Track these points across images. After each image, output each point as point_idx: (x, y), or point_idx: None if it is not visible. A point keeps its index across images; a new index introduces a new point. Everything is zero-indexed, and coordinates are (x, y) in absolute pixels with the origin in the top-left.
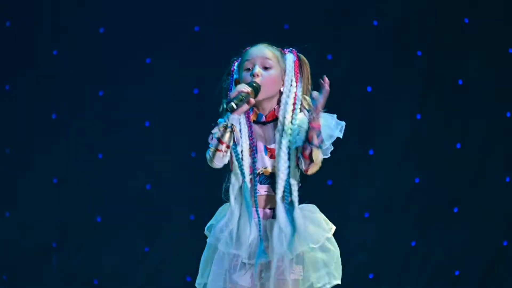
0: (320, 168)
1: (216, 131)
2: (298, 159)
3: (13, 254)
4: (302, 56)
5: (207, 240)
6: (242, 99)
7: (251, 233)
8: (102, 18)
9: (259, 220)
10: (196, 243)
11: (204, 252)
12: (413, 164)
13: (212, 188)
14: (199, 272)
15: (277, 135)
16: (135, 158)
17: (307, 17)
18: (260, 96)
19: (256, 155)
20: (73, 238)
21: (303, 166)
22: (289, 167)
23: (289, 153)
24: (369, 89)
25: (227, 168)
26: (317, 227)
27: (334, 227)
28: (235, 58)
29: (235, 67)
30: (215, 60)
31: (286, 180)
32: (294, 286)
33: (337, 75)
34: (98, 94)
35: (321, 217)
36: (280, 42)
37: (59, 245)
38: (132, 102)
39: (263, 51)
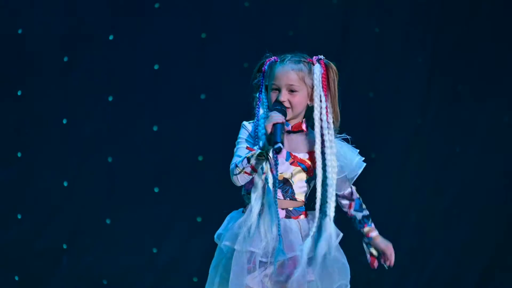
0: None
1: (252, 156)
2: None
3: (25, 255)
4: (330, 65)
5: (220, 246)
6: (283, 132)
7: (272, 232)
8: (111, 25)
9: (278, 220)
10: (203, 244)
11: (214, 258)
12: (414, 167)
13: (219, 191)
14: (208, 279)
15: (317, 151)
16: (144, 161)
17: (310, 24)
18: (288, 116)
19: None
20: (83, 239)
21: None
22: (327, 183)
23: (325, 167)
24: (371, 94)
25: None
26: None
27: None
28: (268, 55)
29: (266, 68)
30: (222, 66)
31: (322, 192)
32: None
33: (339, 81)
34: (107, 99)
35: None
36: (284, 48)
37: (69, 246)
38: (141, 107)
39: (289, 76)
